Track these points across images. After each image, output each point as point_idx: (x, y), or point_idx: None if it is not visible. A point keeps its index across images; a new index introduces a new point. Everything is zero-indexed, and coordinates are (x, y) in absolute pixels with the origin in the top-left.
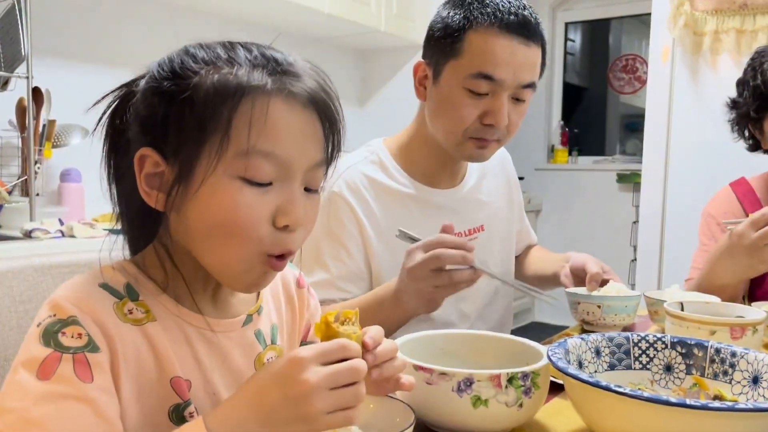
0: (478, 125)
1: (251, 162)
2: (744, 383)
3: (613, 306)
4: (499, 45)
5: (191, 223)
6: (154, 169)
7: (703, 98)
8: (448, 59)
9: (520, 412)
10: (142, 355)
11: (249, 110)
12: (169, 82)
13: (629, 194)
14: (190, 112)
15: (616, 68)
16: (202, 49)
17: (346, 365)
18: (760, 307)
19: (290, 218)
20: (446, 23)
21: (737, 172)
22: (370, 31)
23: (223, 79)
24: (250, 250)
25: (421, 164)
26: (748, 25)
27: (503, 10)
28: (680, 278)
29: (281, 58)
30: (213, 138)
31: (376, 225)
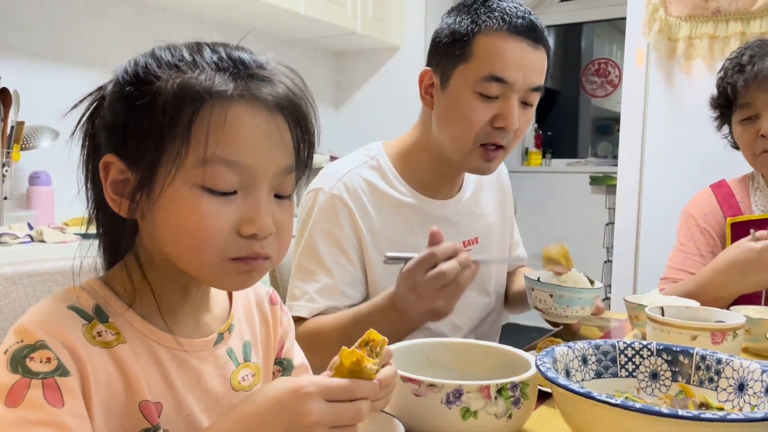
0: (489, 129)
1: (210, 170)
2: (730, 390)
3: (566, 297)
4: (508, 47)
5: (158, 230)
6: (120, 175)
7: (677, 102)
8: (457, 64)
9: (510, 423)
10: (111, 379)
11: (208, 117)
12: (131, 87)
13: (602, 196)
14: (150, 119)
15: (588, 72)
16: (169, 51)
17: (351, 408)
18: (738, 312)
19: (255, 227)
20: (453, 29)
21: (711, 175)
22: (346, 33)
23: (184, 84)
24: (216, 258)
25: (420, 173)
26: (721, 31)
27: (511, 14)
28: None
29: (249, 61)
30: (172, 145)
31: (372, 231)
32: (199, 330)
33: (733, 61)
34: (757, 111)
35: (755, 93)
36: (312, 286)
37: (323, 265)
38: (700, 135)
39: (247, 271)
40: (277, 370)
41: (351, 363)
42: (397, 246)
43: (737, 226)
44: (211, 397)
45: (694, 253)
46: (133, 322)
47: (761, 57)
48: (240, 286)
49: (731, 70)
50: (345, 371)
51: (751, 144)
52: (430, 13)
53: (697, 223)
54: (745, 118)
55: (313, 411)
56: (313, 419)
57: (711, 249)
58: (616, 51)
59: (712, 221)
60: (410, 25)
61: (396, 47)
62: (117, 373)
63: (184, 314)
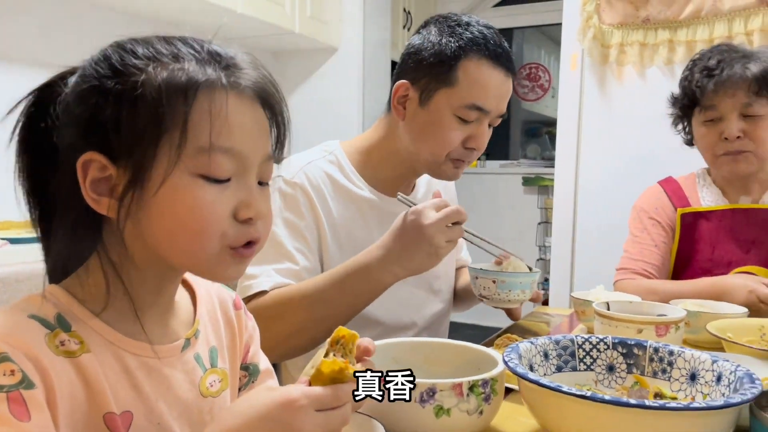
0: (461, 149)
1: (213, 159)
2: (682, 380)
3: (508, 282)
4: (492, 77)
5: (152, 226)
6: (101, 174)
7: (610, 107)
8: (441, 87)
9: (480, 419)
10: (75, 390)
11: (207, 106)
12: (112, 81)
13: (534, 196)
14: (143, 111)
15: (520, 76)
16: (139, 44)
17: (340, 414)
18: (677, 305)
19: (252, 210)
20: (439, 50)
21: (643, 175)
22: (284, 32)
23: (174, 74)
24: (215, 247)
25: (379, 173)
26: (650, 38)
27: (492, 43)
28: (592, 276)
29: (223, 53)
30: (170, 136)
31: (332, 223)
32: (167, 335)
33: (700, 65)
34: (721, 114)
35: (722, 97)
36: (272, 265)
37: (285, 253)
38: (632, 137)
39: (240, 262)
40: (243, 376)
41: (332, 372)
42: (355, 241)
43: (687, 216)
44: (182, 404)
45: (650, 244)
46: (98, 329)
47: (729, 62)
48: (233, 276)
49: (699, 74)
50: (326, 379)
51: (713, 145)
52: (368, 16)
53: (649, 216)
54: (709, 120)
55: (306, 423)
56: (306, 430)
57: (664, 240)
58: (545, 56)
59: (663, 214)
60: (348, 27)
61: (333, 48)
62: (80, 384)
63: (153, 318)
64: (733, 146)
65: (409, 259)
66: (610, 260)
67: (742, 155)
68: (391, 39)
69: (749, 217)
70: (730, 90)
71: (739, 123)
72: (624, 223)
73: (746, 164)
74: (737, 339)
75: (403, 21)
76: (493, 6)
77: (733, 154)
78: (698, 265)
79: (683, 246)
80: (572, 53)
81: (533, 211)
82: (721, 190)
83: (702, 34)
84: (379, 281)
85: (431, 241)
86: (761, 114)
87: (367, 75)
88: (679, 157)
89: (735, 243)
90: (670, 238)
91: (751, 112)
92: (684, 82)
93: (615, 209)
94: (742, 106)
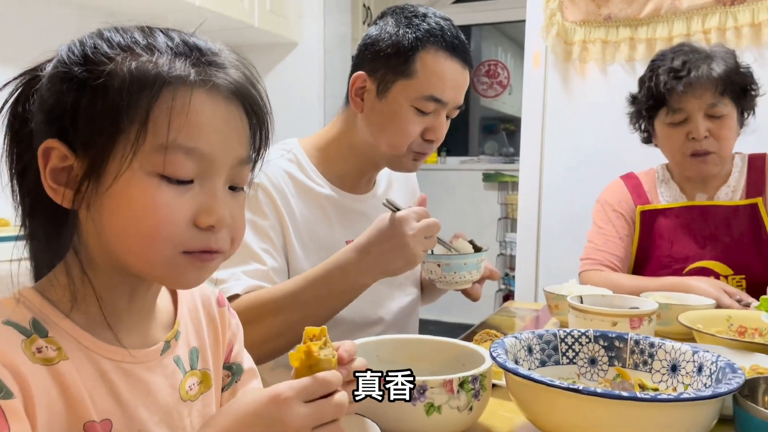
0: (420, 141)
1: (170, 158)
2: (663, 372)
3: (452, 264)
4: (449, 69)
5: (105, 223)
6: (62, 162)
7: (573, 103)
8: (398, 78)
9: (470, 416)
10: (52, 399)
11: (169, 102)
12: (80, 68)
13: (494, 192)
14: (104, 102)
15: (479, 73)
16: (118, 33)
17: (331, 404)
18: (648, 297)
19: (213, 217)
20: (396, 41)
21: (606, 171)
22: (243, 26)
23: (142, 67)
24: (169, 251)
25: (339, 169)
26: (612, 36)
27: (449, 35)
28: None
29: (205, 47)
30: (129, 130)
31: (295, 222)
32: (146, 339)
33: (664, 66)
34: (687, 115)
35: (690, 99)
36: (240, 267)
37: (252, 254)
38: (595, 134)
39: (200, 267)
40: (227, 375)
41: (302, 360)
42: (318, 239)
43: (646, 214)
44: (163, 409)
45: (614, 236)
46: (73, 334)
47: (695, 63)
48: (192, 283)
49: (665, 75)
50: (305, 372)
51: (681, 146)
52: (328, 10)
53: (613, 209)
54: (675, 120)
55: (295, 416)
56: (297, 425)
57: (627, 233)
58: (502, 53)
59: (626, 207)
60: (308, 22)
61: (294, 43)
62: (58, 392)
63: (129, 322)
64: (701, 146)
65: (388, 264)
66: (575, 254)
67: (709, 157)
68: (352, 34)
69: (705, 213)
70: (698, 91)
71: (705, 123)
72: (586, 218)
73: (712, 165)
74: (706, 329)
75: (363, 16)
76: (452, 3)
77: (701, 155)
78: (657, 261)
79: (643, 241)
80: (535, 50)
81: (494, 207)
82: (679, 187)
83: (662, 32)
84: (356, 283)
85: (411, 251)
86: (724, 114)
87: (327, 70)
88: (641, 152)
89: (692, 239)
90: (632, 231)
91: (715, 112)
92: (648, 83)
93: (579, 204)
94: (707, 107)
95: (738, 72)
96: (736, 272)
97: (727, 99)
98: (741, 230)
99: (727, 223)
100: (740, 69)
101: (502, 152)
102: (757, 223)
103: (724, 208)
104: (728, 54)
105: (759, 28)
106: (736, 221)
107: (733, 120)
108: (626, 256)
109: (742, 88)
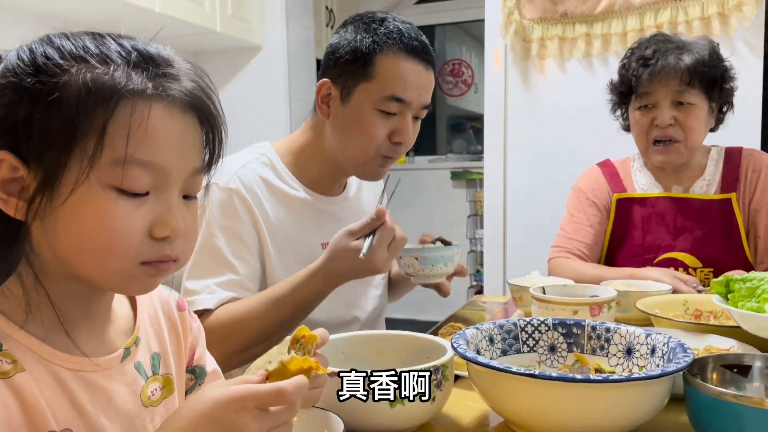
0: (388, 144)
1: (128, 172)
2: (619, 355)
3: (429, 257)
4: (408, 69)
5: (60, 236)
6: (12, 174)
7: (533, 99)
8: (359, 82)
9: (433, 406)
10: (11, 413)
11: (127, 116)
12: (32, 79)
13: (463, 190)
14: (58, 115)
15: (444, 72)
16: (69, 40)
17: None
18: (608, 286)
19: (169, 228)
20: (355, 47)
21: (568, 165)
22: (205, 32)
23: (98, 79)
24: (127, 263)
25: (312, 172)
26: (569, 33)
27: (407, 36)
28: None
29: (158, 56)
30: (84, 144)
31: (269, 226)
32: (104, 346)
33: (636, 53)
34: (655, 101)
35: (656, 86)
36: (213, 279)
37: (225, 263)
38: (556, 128)
39: (155, 275)
40: (190, 379)
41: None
42: (294, 243)
43: (622, 202)
44: (124, 417)
45: (585, 224)
46: (29, 345)
47: (664, 53)
48: (145, 289)
49: (635, 63)
50: (288, 375)
51: (646, 130)
52: (290, 14)
53: (586, 197)
54: (643, 106)
55: (250, 422)
56: (252, 430)
57: (599, 221)
58: (466, 52)
59: (600, 195)
60: (271, 26)
61: (257, 47)
62: (16, 405)
63: (86, 330)
64: (665, 133)
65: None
66: (540, 248)
67: (673, 146)
68: (315, 37)
69: (680, 205)
70: (664, 80)
71: (671, 111)
72: (551, 212)
73: (676, 155)
74: (664, 314)
75: (326, 19)
76: (414, 3)
77: (664, 142)
78: (630, 249)
79: (617, 229)
80: (495, 49)
81: (462, 205)
82: (653, 176)
83: (616, 27)
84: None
85: (380, 271)
86: (692, 103)
87: (292, 73)
88: (601, 144)
89: (665, 230)
90: (605, 219)
91: (682, 99)
92: (622, 70)
93: (542, 199)
94: (674, 94)
95: (709, 64)
96: (705, 265)
97: (695, 90)
98: (713, 224)
99: (700, 217)
100: (713, 62)
101: (470, 150)
102: (729, 218)
103: (699, 201)
104: (704, 46)
105: (708, 21)
106: (709, 215)
107: (701, 111)
108: (596, 244)
109: (712, 80)
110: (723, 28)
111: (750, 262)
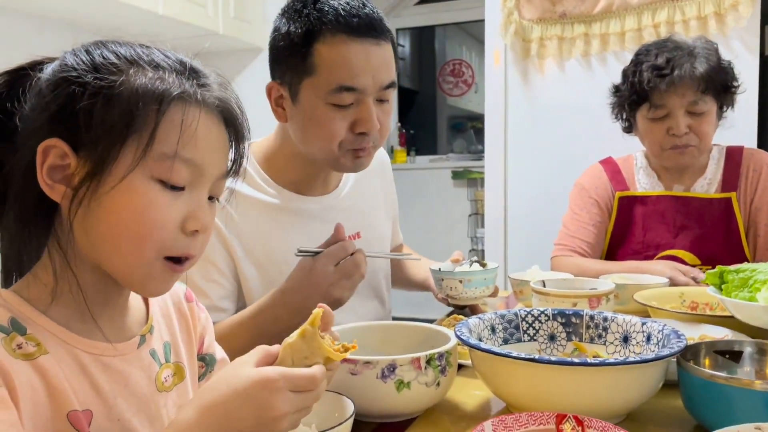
0: (352, 136)
1: (174, 166)
2: (616, 343)
3: (474, 280)
4: (351, 52)
5: (98, 223)
6: (60, 161)
7: (533, 99)
8: (302, 78)
9: (438, 390)
10: (36, 392)
11: (179, 116)
12: (91, 75)
13: (464, 189)
14: (117, 109)
15: (444, 72)
16: (121, 46)
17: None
18: (606, 279)
19: (200, 223)
20: (289, 39)
21: (567, 164)
22: (207, 34)
23: (153, 81)
24: (154, 254)
25: (290, 174)
26: (567, 33)
27: (345, 14)
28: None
29: (198, 68)
30: (138, 137)
31: (243, 241)
32: (122, 333)
33: (647, 62)
34: (669, 111)
35: (672, 96)
36: None
37: (196, 289)
38: (555, 127)
39: (170, 277)
40: (201, 366)
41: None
42: (271, 251)
43: (624, 200)
44: (140, 400)
45: (587, 222)
46: (52, 330)
47: (678, 61)
48: (161, 290)
49: (649, 72)
50: (299, 352)
51: (660, 139)
52: None
53: (589, 195)
54: (657, 117)
55: (282, 403)
56: (283, 410)
57: (600, 219)
58: (466, 52)
59: (602, 193)
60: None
61: (259, 49)
62: (41, 385)
63: (107, 317)
64: (681, 141)
65: (302, 292)
66: (540, 245)
67: (687, 150)
68: None
69: (681, 204)
70: (680, 89)
71: (685, 119)
72: (551, 209)
73: (690, 157)
74: (661, 306)
75: None
76: (414, 4)
77: (680, 148)
78: (630, 246)
79: (618, 227)
80: (495, 49)
81: (463, 204)
82: (657, 175)
83: (614, 27)
84: (289, 324)
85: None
86: (705, 110)
87: None
88: (600, 143)
89: (665, 228)
90: (607, 218)
91: (696, 109)
92: (631, 78)
93: (543, 197)
94: (689, 104)
95: (720, 69)
96: (704, 263)
97: (709, 96)
98: (713, 223)
99: (700, 215)
100: (722, 66)
101: (470, 150)
102: (729, 217)
103: (699, 199)
104: (710, 51)
105: (705, 20)
106: (710, 214)
107: (712, 115)
108: (597, 242)
109: (723, 85)
110: (719, 27)
111: (748, 260)
